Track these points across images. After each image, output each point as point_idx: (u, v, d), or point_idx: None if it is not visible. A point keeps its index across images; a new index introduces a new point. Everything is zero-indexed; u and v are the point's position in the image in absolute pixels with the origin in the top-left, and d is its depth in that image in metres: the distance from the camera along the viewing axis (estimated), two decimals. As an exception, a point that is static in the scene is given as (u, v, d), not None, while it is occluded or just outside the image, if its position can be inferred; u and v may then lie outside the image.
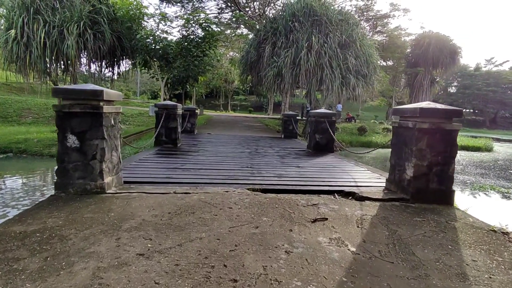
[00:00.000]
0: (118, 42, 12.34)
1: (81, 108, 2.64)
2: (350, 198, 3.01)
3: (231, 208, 2.50)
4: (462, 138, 22.72)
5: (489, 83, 56.91)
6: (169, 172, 3.73)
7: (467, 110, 60.94)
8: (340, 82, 12.22)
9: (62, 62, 12.71)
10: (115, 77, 14.47)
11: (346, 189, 3.23)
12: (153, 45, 10.74)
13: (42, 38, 11.07)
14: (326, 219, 2.37)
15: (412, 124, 2.92)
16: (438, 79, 25.67)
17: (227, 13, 22.32)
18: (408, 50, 26.39)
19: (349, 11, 14.63)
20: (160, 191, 2.85)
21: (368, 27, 20.10)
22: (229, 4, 21.68)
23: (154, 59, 12.51)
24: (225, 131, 11.50)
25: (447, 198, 2.97)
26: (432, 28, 25.11)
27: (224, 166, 4.26)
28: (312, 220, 2.32)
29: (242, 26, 24.37)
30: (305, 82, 12.62)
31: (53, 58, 11.66)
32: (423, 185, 2.94)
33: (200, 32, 11.69)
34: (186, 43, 12.32)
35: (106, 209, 2.38)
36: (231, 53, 30.87)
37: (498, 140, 24.10)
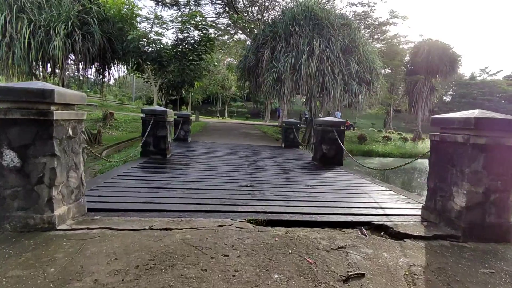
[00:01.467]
0: (109, 44, 11.66)
1: (23, 113, 1.93)
2: (382, 234, 2.31)
3: (227, 256, 1.78)
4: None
5: (484, 92, 57.25)
6: (150, 194, 3.00)
7: (463, 119, 61.15)
8: (342, 88, 11.65)
9: (48, 65, 11.97)
10: (107, 80, 13.77)
11: (374, 219, 2.53)
12: (146, 47, 10.06)
13: (27, 38, 10.35)
14: (363, 275, 1.66)
15: (464, 139, 2.25)
16: (437, 87, 25.31)
17: (225, 17, 21.88)
18: (407, 58, 26.13)
19: (349, 17, 14.16)
20: (132, 227, 2.11)
21: (367, 35, 19.72)
22: (227, 9, 21.25)
23: (148, 63, 11.83)
24: (221, 139, 10.79)
25: (505, 234, 2.29)
26: (430, 37, 24.81)
27: (219, 185, 3.54)
28: (343, 279, 1.61)
29: (239, 32, 23.96)
30: (305, 88, 12.03)
31: (39, 59, 10.93)
32: (478, 218, 2.25)
33: (196, 34, 11.07)
34: (181, 46, 11.66)
35: (46, 259, 1.65)
36: (228, 59, 30.42)
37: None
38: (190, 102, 27.96)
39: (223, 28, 23.14)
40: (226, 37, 24.43)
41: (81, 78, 12.19)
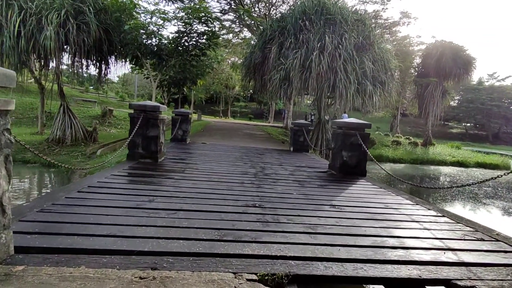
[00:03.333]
0: (105, 36, 10.88)
1: None
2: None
3: None
4: (476, 155, 21.27)
5: (493, 98, 56.01)
6: (121, 220, 2.15)
7: (469, 125, 59.96)
8: (355, 88, 10.77)
9: (41, 56, 11.19)
10: (104, 75, 13.01)
11: (453, 274, 1.66)
12: (145, 39, 9.25)
13: (17, 26, 9.58)
14: None
15: None
16: (449, 91, 24.27)
17: (230, 14, 21.09)
18: (418, 60, 25.15)
19: (363, 13, 13.30)
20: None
21: (377, 35, 18.87)
22: (233, 6, 20.47)
23: (147, 56, 11.02)
24: (223, 140, 9.95)
25: None
26: (442, 39, 23.77)
27: (218, 204, 2.68)
28: None
29: (245, 29, 23.18)
30: (315, 88, 11.14)
31: (30, 50, 10.15)
32: None
33: (199, 27, 10.24)
34: (183, 40, 10.83)
35: None
36: (232, 58, 29.66)
37: (506, 155, 22.68)
38: (192, 100, 27.18)
39: (227, 26, 22.40)
40: (230, 35, 23.68)
41: (75, 72, 11.41)
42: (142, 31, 9.13)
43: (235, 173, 4.22)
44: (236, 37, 24.13)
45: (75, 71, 11.34)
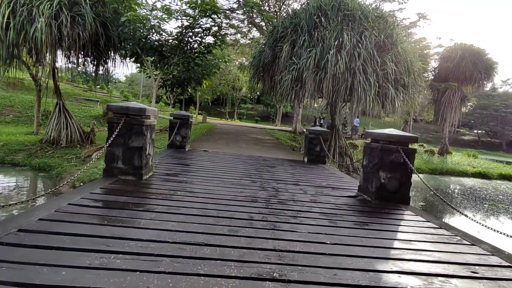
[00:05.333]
0: (103, 30, 10.02)
1: None
2: None
3: None
4: (497, 165, 19.89)
5: (508, 105, 54.10)
6: (67, 275, 1.16)
7: (481, 132, 58.06)
8: (376, 92, 9.68)
9: (33, 50, 10.36)
10: (103, 73, 12.18)
11: None
12: (144, 33, 8.32)
13: (6, 17, 8.77)
14: None
15: None
16: (469, 96, 22.88)
17: (238, 12, 20.18)
18: (434, 64, 23.86)
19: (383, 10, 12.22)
20: None
21: (400, 34, 17.78)
22: (241, 4, 19.58)
23: (148, 53, 10.10)
24: (228, 146, 8.96)
25: None
26: (461, 41, 22.24)
27: (210, 275, 1.68)
28: None
29: (254, 29, 22.31)
30: (330, 90, 10.07)
31: (21, 44, 9.33)
32: None
33: (204, 21, 9.29)
34: (188, 35, 9.89)
35: None
36: (239, 60, 28.80)
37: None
38: (198, 101, 26.32)
39: (236, 25, 21.54)
40: (239, 35, 22.83)
41: (70, 68, 10.57)
42: (140, 24, 8.20)
43: (241, 198, 3.21)
44: (245, 37, 23.28)
45: (70, 68, 10.46)
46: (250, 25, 21.47)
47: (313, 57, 9.71)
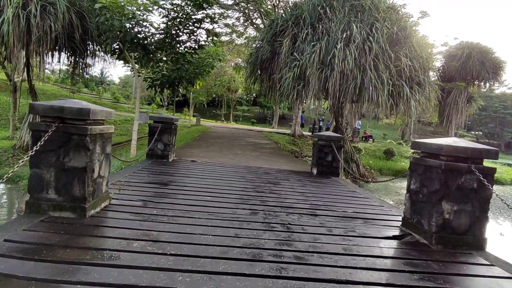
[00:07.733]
0: (79, 21, 8.81)
1: None
2: None
3: None
4: (506, 169, 18.93)
5: (506, 106, 53.68)
6: None
7: (479, 133, 57.61)
8: (389, 90, 8.56)
9: (3, 46, 9.10)
10: (81, 71, 10.96)
11: None
12: (123, 22, 7.08)
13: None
14: None
15: None
16: (475, 97, 21.92)
17: (235, 8, 19.05)
18: (438, 64, 22.89)
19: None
20: None
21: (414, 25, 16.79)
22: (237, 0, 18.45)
23: (131, 48, 8.85)
24: (221, 154, 7.77)
25: None
26: (466, 39, 21.23)
27: None
28: None
29: (250, 28, 21.21)
30: (337, 89, 8.91)
31: (-17, 37, 8.09)
32: None
33: (194, 11, 8.09)
34: (174, 28, 8.66)
35: None
36: (235, 61, 27.65)
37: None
38: (191, 103, 25.08)
39: (231, 23, 20.44)
40: (234, 35, 21.71)
41: (39, 65, 9.32)
42: (119, 12, 6.97)
43: (235, 254, 2.00)
44: (240, 37, 22.17)
45: (39, 63, 9.20)
46: (246, 23, 20.36)
47: (318, 52, 8.58)
